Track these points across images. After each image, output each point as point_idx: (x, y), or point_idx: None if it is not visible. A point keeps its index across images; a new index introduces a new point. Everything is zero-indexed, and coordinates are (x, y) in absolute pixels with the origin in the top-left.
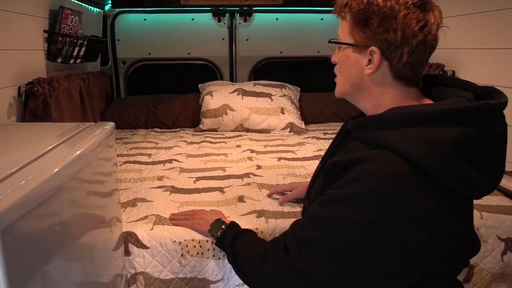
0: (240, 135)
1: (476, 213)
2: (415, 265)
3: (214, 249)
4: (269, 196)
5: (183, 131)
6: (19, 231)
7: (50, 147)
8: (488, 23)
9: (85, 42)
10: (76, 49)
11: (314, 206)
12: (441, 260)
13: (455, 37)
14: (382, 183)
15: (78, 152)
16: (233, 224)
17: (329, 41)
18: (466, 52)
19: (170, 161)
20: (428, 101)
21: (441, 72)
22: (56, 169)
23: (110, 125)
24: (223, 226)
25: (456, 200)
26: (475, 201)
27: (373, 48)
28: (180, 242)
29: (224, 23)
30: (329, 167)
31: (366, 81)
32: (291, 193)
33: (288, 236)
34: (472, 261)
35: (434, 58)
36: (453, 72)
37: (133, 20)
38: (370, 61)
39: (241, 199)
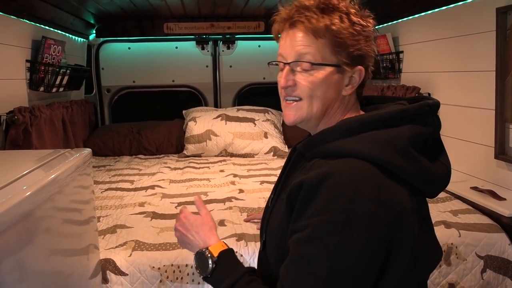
0: (224, 160)
1: (454, 232)
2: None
3: (193, 274)
4: (246, 221)
5: (167, 157)
6: None
7: (25, 172)
8: (458, 48)
9: (68, 71)
10: (59, 77)
11: (298, 246)
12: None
13: (429, 61)
14: (360, 190)
15: (52, 177)
16: (224, 259)
17: (313, 64)
18: (440, 75)
19: (152, 187)
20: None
21: (417, 94)
22: (29, 193)
23: (87, 151)
24: (210, 264)
25: (420, 199)
26: (452, 219)
27: (360, 67)
28: (159, 268)
29: (208, 51)
30: (293, 190)
31: (339, 100)
32: (258, 215)
33: None
34: (453, 279)
35: (410, 81)
36: (429, 94)
37: (117, 49)
38: (350, 80)
39: (222, 223)
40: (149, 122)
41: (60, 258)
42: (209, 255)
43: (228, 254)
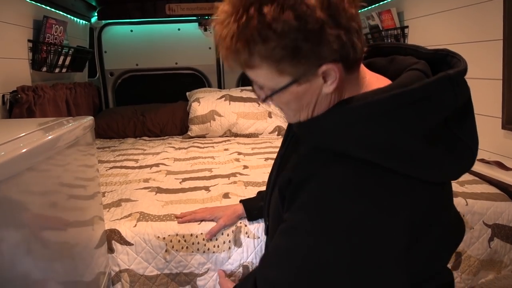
0: (228, 140)
1: (461, 200)
2: (405, 271)
3: (198, 243)
4: (180, 223)
5: (171, 138)
6: None
7: (23, 134)
8: (464, 18)
9: (71, 51)
10: (61, 58)
11: (277, 236)
12: (428, 261)
13: (435, 35)
14: (342, 199)
15: (50, 137)
16: None
17: (263, 101)
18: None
19: (157, 165)
20: (372, 77)
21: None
22: (25, 150)
23: (89, 118)
24: None
25: (431, 189)
26: (459, 189)
27: (324, 67)
28: (164, 238)
29: (211, 32)
30: (283, 183)
31: (328, 96)
32: (219, 223)
33: (258, 278)
34: (459, 248)
35: None
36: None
37: (119, 32)
38: (325, 78)
39: (226, 195)
40: (153, 104)
41: (66, 230)
42: None
43: None
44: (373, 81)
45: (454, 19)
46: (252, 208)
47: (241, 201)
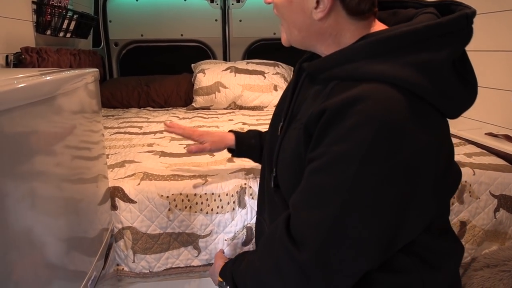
0: (233, 112)
1: (468, 170)
2: (432, 199)
3: (202, 203)
4: (166, 130)
5: (175, 109)
6: None
7: (21, 75)
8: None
9: (76, 16)
10: (66, 22)
11: (312, 175)
12: (449, 190)
13: None
14: (389, 120)
15: (49, 78)
16: (225, 275)
17: None
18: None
19: (161, 131)
20: (380, 26)
21: None
22: (20, 86)
23: (95, 69)
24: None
25: (445, 122)
26: (466, 160)
27: None
28: (167, 197)
29: (217, 4)
30: (312, 117)
31: (316, 26)
32: (203, 146)
33: (293, 226)
34: (464, 217)
35: None
36: None
37: (125, 1)
38: (318, 3)
39: (230, 159)
40: (157, 75)
41: (70, 186)
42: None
43: (224, 269)
44: (381, 27)
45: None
46: (243, 144)
47: (231, 131)
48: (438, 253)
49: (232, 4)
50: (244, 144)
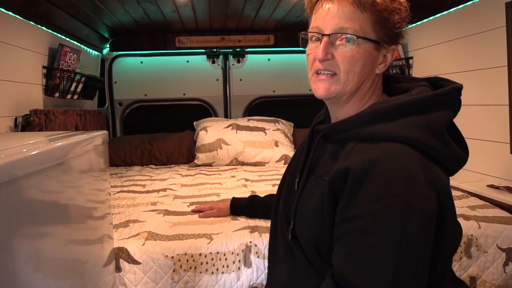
0: (235, 168)
1: (473, 223)
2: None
3: (207, 263)
4: (194, 211)
5: (178, 166)
6: None
7: (32, 141)
8: (469, 47)
9: (83, 78)
10: (74, 84)
11: (356, 237)
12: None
13: (439, 64)
14: (412, 173)
15: (60, 144)
16: None
17: (358, 37)
18: (450, 76)
19: (164, 189)
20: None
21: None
22: (33, 153)
23: (103, 131)
24: None
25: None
26: (471, 213)
27: (394, 46)
28: (172, 257)
29: (218, 64)
30: (337, 177)
31: (372, 78)
32: (211, 212)
33: None
34: (473, 272)
35: None
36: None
37: (130, 63)
38: (383, 59)
39: (234, 217)
40: (160, 133)
41: (75, 247)
42: None
43: None
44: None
45: (458, 48)
46: (236, 204)
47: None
48: None
49: (233, 64)
50: (237, 205)
